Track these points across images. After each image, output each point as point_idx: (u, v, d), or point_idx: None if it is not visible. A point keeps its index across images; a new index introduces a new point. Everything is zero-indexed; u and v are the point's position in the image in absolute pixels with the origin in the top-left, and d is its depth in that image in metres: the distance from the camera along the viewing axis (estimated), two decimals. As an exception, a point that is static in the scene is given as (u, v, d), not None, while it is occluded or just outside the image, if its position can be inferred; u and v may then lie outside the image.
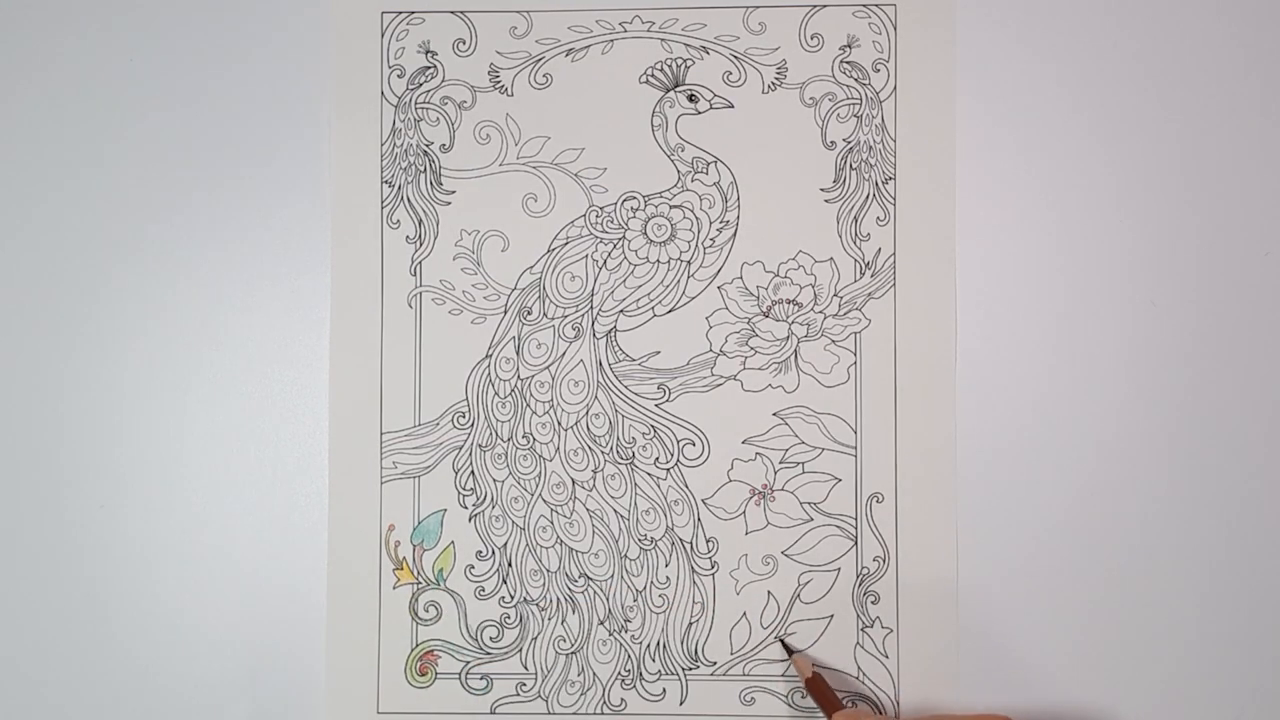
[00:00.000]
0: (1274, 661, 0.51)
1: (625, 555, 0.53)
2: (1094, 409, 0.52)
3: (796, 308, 0.53)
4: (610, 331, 0.53)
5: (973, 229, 0.52)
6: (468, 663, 0.53)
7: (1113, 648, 0.51)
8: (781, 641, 0.52)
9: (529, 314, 0.53)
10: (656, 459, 0.53)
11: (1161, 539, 0.52)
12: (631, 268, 0.53)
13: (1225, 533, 0.52)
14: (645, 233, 0.53)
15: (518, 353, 0.53)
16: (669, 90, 0.53)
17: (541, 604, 0.53)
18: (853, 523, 0.52)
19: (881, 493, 0.52)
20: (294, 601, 0.53)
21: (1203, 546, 0.52)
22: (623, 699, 0.53)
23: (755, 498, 0.53)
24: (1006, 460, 0.52)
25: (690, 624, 0.53)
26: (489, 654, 0.53)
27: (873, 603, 0.52)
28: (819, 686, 0.50)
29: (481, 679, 0.53)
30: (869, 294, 0.53)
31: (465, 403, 0.53)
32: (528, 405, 0.53)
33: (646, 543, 0.53)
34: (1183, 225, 0.52)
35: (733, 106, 0.53)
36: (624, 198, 0.53)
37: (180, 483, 0.53)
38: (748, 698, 0.52)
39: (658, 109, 0.53)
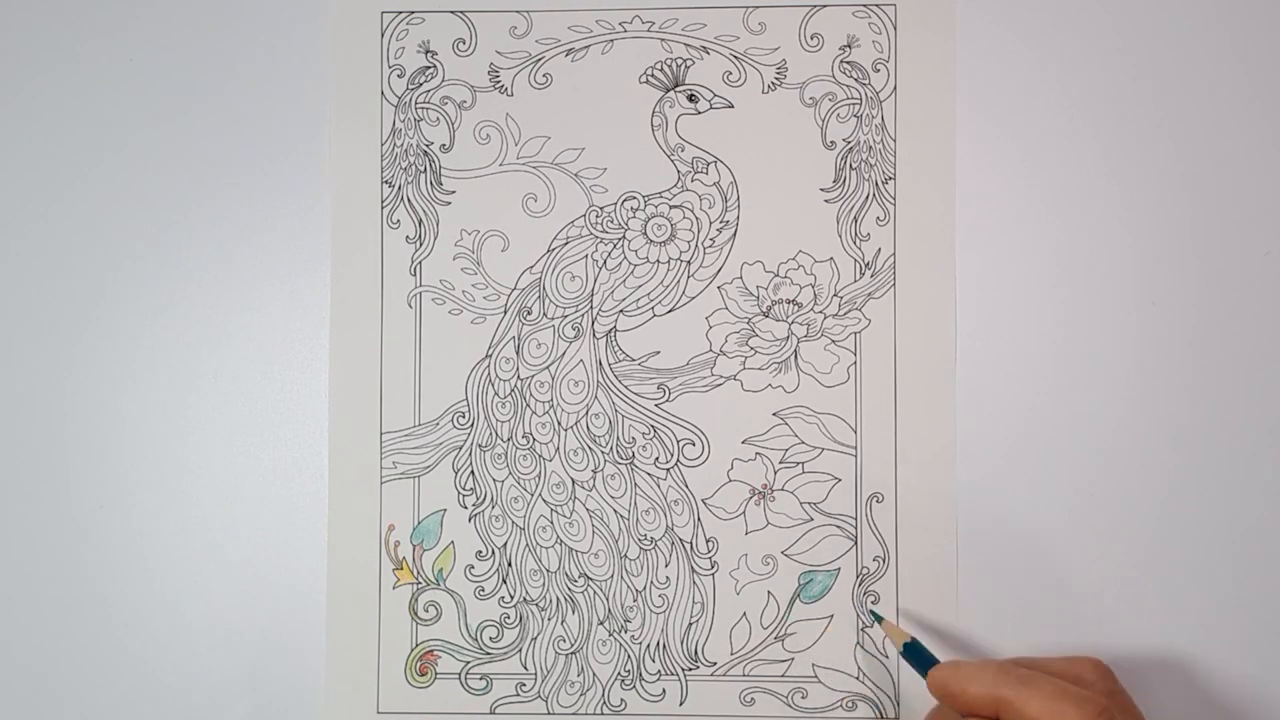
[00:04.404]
0: None
1: (625, 555, 0.53)
2: (1094, 409, 0.52)
3: (796, 308, 0.53)
4: (610, 331, 0.53)
5: (973, 229, 0.52)
6: (467, 663, 0.53)
7: (1113, 648, 0.51)
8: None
9: (529, 314, 0.53)
10: (656, 459, 0.53)
11: (1163, 539, 0.52)
12: (631, 268, 0.53)
13: (1227, 533, 0.52)
14: (645, 233, 0.53)
15: (518, 353, 0.53)
16: (669, 90, 0.53)
17: (541, 604, 0.53)
18: (853, 523, 0.52)
19: (881, 493, 0.52)
20: (294, 601, 0.53)
21: (1205, 546, 0.52)
22: (623, 699, 0.53)
23: (755, 498, 0.53)
24: (1007, 460, 0.52)
25: (690, 624, 0.53)
26: (489, 654, 0.53)
27: (873, 603, 0.52)
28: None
29: (481, 679, 0.53)
30: (869, 294, 0.53)
31: (465, 403, 0.53)
32: (527, 405, 0.53)
33: (646, 543, 0.53)
34: (1182, 225, 0.52)
35: (733, 106, 0.53)
36: (624, 198, 0.53)
37: (180, 483, 0.53)
38: (748, 698, 0.52)
39: (658, 109, 0.53)
